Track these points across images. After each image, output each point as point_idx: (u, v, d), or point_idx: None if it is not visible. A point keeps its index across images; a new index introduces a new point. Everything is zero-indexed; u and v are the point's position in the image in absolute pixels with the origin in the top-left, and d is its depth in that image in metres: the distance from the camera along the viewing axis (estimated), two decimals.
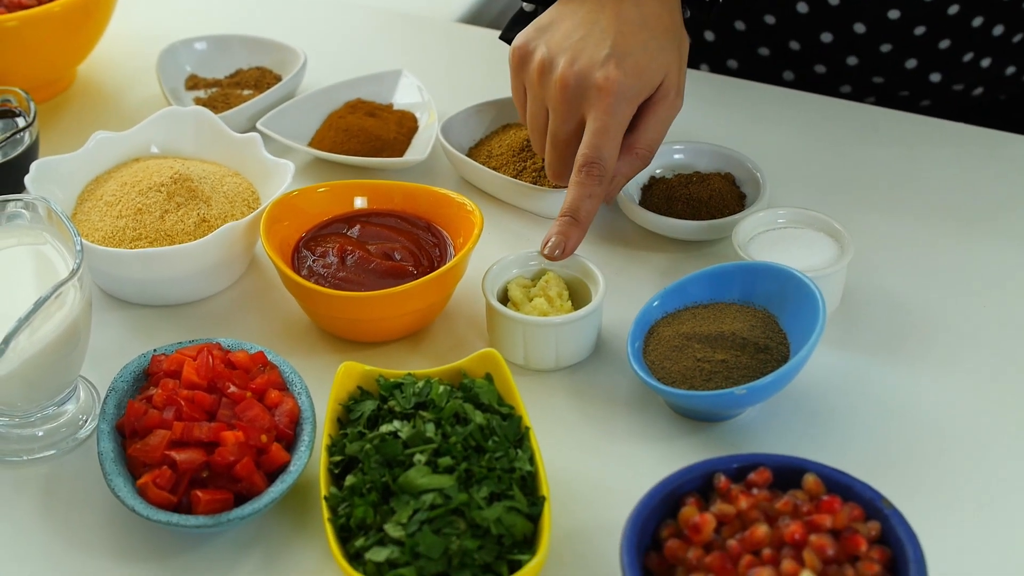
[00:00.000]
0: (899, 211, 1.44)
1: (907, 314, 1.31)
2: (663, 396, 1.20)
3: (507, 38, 1.48)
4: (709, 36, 1.75)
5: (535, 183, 1.42)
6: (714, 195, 1.41)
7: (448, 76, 1.65)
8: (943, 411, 1.22)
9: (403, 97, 1.56)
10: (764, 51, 1.72)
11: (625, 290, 1.32)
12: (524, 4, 1.47)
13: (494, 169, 1.44)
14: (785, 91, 1.63)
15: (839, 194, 1.46)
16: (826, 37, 1.65)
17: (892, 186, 1.48)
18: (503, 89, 1.59)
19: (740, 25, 1.72)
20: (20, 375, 1.12)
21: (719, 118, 1.58)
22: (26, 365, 1.11)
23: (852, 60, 1.66)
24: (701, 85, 1.64)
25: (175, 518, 1.07)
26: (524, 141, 1.46)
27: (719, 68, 1.78)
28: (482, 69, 1.68)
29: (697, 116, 1.57)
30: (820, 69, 1.70)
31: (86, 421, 1.22)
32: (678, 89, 1.35)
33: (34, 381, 1.14)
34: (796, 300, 1.22)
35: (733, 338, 1.20)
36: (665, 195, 1.42)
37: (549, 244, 1.30)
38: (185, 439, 1.10)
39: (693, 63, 1.80)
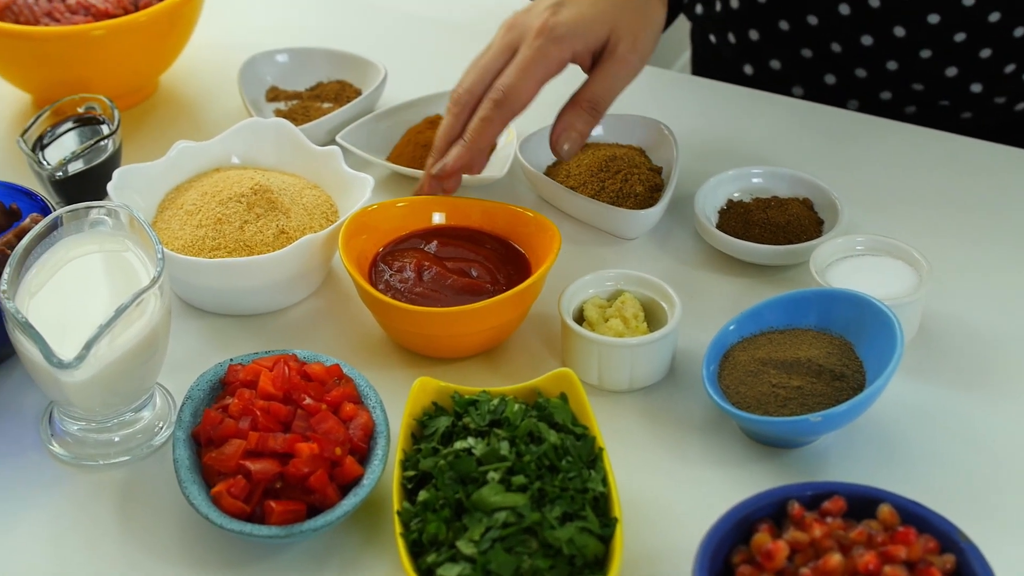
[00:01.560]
0: (979, 239, 1.43)
1: (985, 344, 1.30)
2: (737, 421, 1.19)
3: None
4: (754, 35, 1.77)
5: (614, 203, 1.42)
6: (792, 220, 1.40)
7: None
8: (1023, 444, 1.21)
9: None
10: (807, 52, 1.73)
11: (701, 313, 1.32)
12: None
13: (572, 188, 1.44)
14: (867, 117, 1.62)
15: (918, 221, 1.45)
16: (867, 40, 1.65)
17: (972, 214, 1.47)
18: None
19: (784, 25, 1.72)
20: (100, 381, 1.13)
21: (799, 143, 1.57)
22: (106, 371, 1.12)
23: (892, 65, 1.66)
24: (779, 110, 1.64)
25: (248, 528, 1.08)
26: (604, 160, 1.46)
27: (762, 68, 1.79)
28: (562, 89, 1.67)
29: (776, 141, 1.57)
30: (861, 73, 1.70)
31: (162, 428, 1.23)
32: (631, 46, 1.36)
33: (113, 387, 1.15)
34: (873, 328, 1.21)
35: (809, 365, 1.19)
36: (743, 219, 1.41)
37: (436, 165, 1.34)
38: (260, 449, 1.11)
39: (736, 63, 1.81)
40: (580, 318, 1.28)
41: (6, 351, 1.27)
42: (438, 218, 1.36)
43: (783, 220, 1.40)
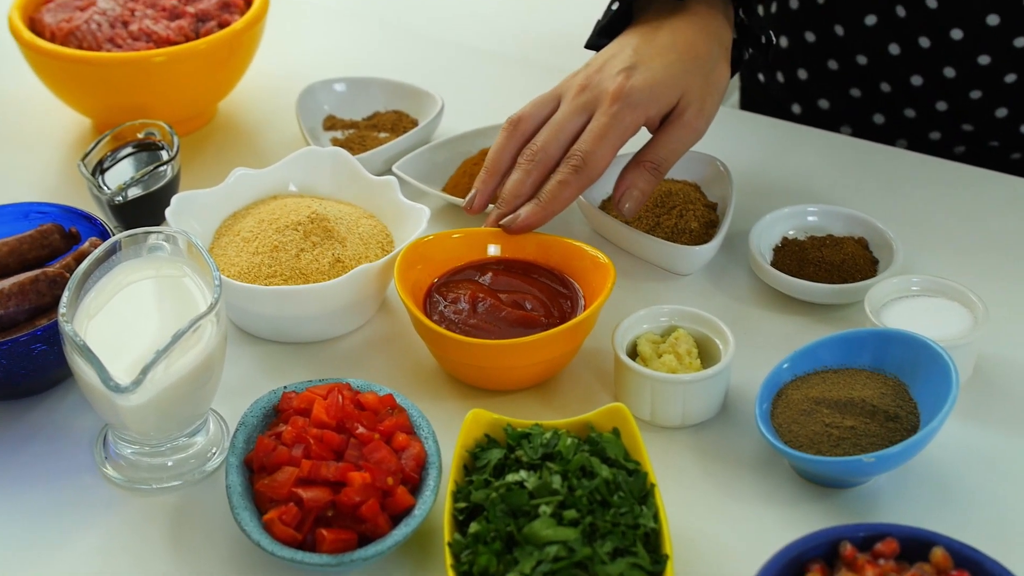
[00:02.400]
0: None
1: None
2: (790, 460, 1.19)
3: (591, 45, 1.51)
4: (803, 74, 1.77)
5: (669, 238, 1.42)
6: (847, 259, 1.40)
7: None
8: None
9: None
10: (856, 92, 1.74)
11: (754, 350, 1.32)
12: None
13: (627, 223, 1.44)
14: (923, 157, 1.61)
15: (973, 263, 1.45)
16: (916, 80, 1.66)
17: None
18: (641, 143, 1.59)
19: (833, 65, 1.73)
20: (155, 405, 1.14)
21: (854, 182, 1.57)
22: (161, 395, 1.13)
23: (942, 105, 1.66)
24: (835, 148, 1.63)
25: (299, 555, 1.08)
26: (659, 196, 1.46)
27: (811, 108, 1.80)
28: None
29: (832, 179, 1.57)
30: (910, 113, 1.70)
31: (214, 454, 1.23)
32: (698, 111, 1.39)
33: (168, 411, 1.16)
34: (928, 369, 1.20)
35: (863, 405, 1.19)
36: (797, 257, 1.41)
37: (509, 216, 1.35)
38: (312, 477, 1.11)
39: (785, 102, 1.82)
40: (633, 353, 1.28)
41: (63, 373, 1.28)
42: (493, 250, 1.36)
43: (838, 259, 1.40)
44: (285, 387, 1.21)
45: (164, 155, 1.47)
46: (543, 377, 1.29)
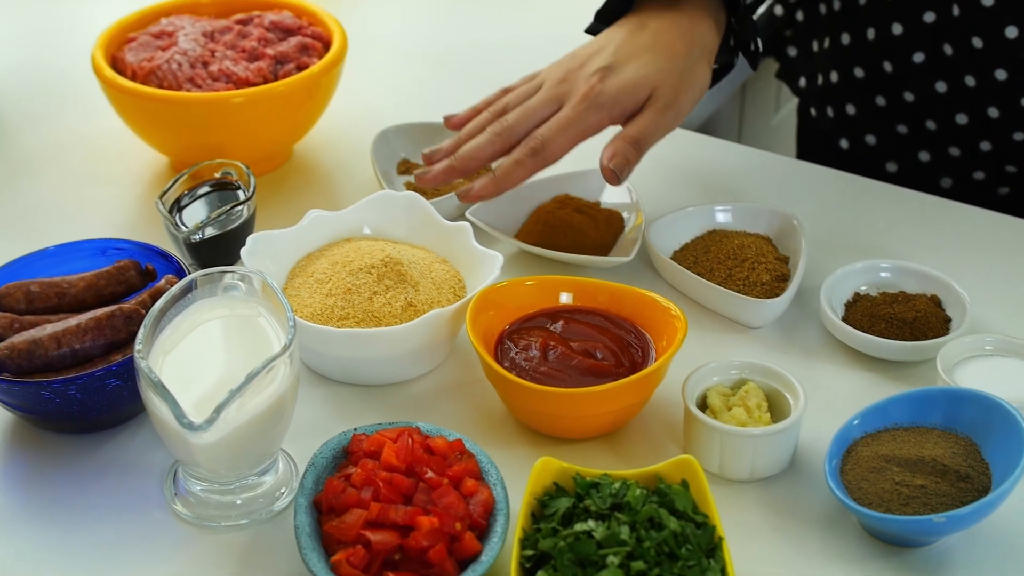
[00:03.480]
0: None
1: None
2: (859, 517, 1.18)
3: (590, 30, 1.58)
4: (851, 110, 1.80)
5: (740, 291, 1.42)
6: (919, 316, 1.39)
7: (657, 178, 1.65)
8: None
9: (611, 196, 1.57)
10: (902, 128, 1.75)
11: (824, 406, 1.31)
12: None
13: (699, 275, 1.44)
14: (997, 216, 1.61)
15: None
16: (961, 119, 1.67)
17: None
18: (713, 194, 1.60)
19: (880, 101, 1.75)
20: (227, 444, 1.14)
21: (928, 239, 1.56)
22: (233, 434, 1.14)
23: (986, 145, 1.67)
24: (909, 205, 1.63)
25: None
26: (732, 248, 1.46)
27: (858, 143, 1.82)
28: (692, 173, 1.69)
29: (905, 236, 1.56)
30: (954, 151, 1.71)
31: (283, 494, 1.24)
32: (666, 106, 1.46)
33: (239, 450, 1.17)
34: (1001, 430, 1.20)
35: (934, 464, 1.18)
36: (869, 313, 1.41)
37: (463, 188, 1.47)
38: (381, 520, 1.11)
39: (834, 137, 1.84)
40: (703, 405, 1.28)
41: (136, 408, 1.29)
42: (565, 298, 1.37)
43: (910, 316, 1.39)
44: (355, 429, 1.22)
45: (241, 195, 1.48)
46: (612, 427, 1.29)
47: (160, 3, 1.75)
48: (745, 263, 1.45)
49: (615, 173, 1.44)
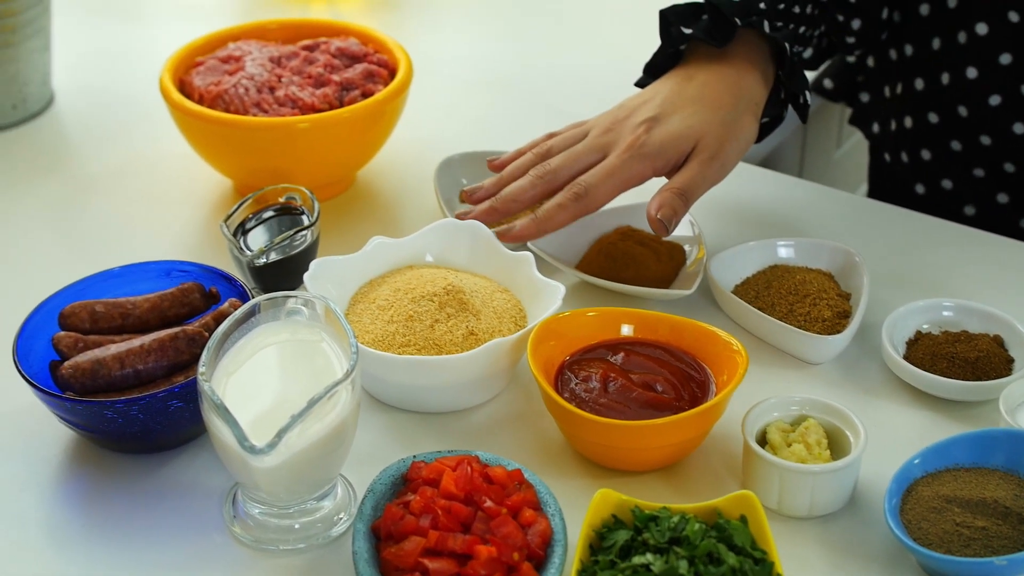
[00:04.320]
0: None
1: None
2: (918, 558, 1.18)
3: (639, 83, 1.60)
4: (926, 155, 1.79)
5: (801, 327, 1.42)
6: (981, 356, 1.38)
7: (719, 212, 1.65)
8: None
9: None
10: (979, 172, 1.75)
11: (884, 444, 1.30)
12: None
13: (760, 310, 1.44)
14: None
15: None
16: None
17: None
18: (774, 229, 1.60)
19: (956, 145, 1.75)
20: (288, 468, 1.15)
21: (991, 278, 1.55)
22: (294, 459, 1.14)
23: None
24: (972, 244, 1.62)
25: None
26: (793, 284, 1.46)
27: (935, 188, 1.82)
28: (754, 207, 1.68)
29: (968, 275, 1.55)
30: None
31: (341, 519, 1.24)
32: (711, 157, 1.46)
33: (299, 475, 1.18)
34: None
35: (995, 506, 1.17)
36: (930, 352, 1.40)
37: (504, 227, 1.47)
38: (439, 548, 1.12)
39: (908, 182, 1.84)
40: (763, 440, 1.27)
41: (197, 430, 1.30)
42: (626, 330, 1.37)
43: (972, 355, 1.38)
44: (414, 456, 1.22)
45: (305, 220, 1.49)
46: (671, 460, 1.29)
47: (228, 28, 1.77)
48: (807, 299, 1.45)
49: (663, 224, 1.43)
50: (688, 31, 1.52)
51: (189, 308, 1.37)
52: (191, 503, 1.26)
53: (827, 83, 1.95)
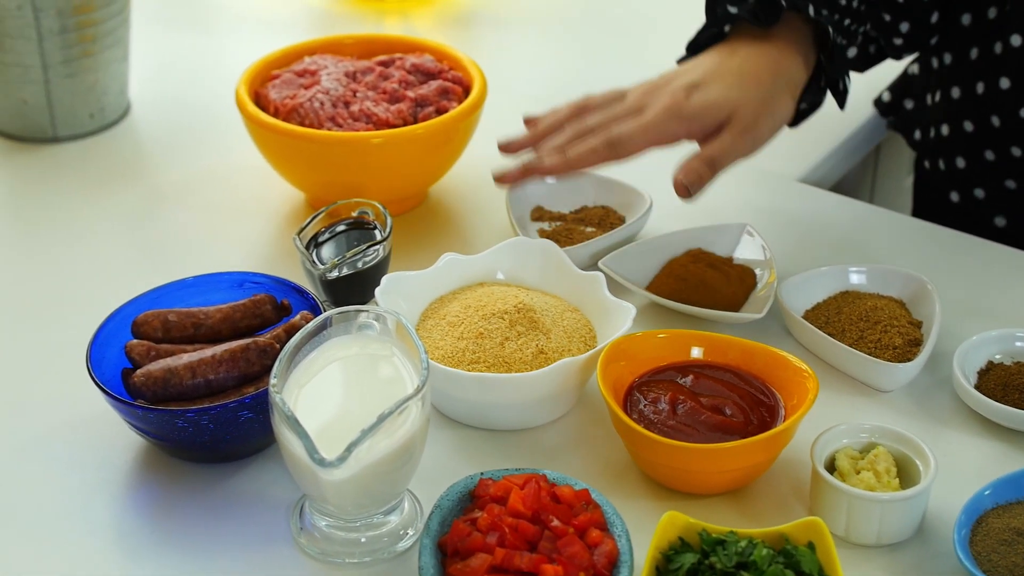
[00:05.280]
0: None
1: None
2: None
3: (681, 62, 1.63)
4: (960, 163, 1.80)
5: (871, 354, 1.41)
6: None
7: (791, 236, 1.65)
8: None
9: (744, 252, 1.56)
10: (1011, 183, 1.75)
11: (954, 474, 1.30)
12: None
13: (830, 335, 1.43)
14: None
15: None
16: None
17: None
18: (846, 254, 1.59)
19: (990, 155, 1.76)
20: (356, 482, 1.15)
21: None
22: (363, 473, 1.15)
23: None
24: None
25: None
26: (864, 310, 1.45)
27: (968, 197, 1.82)
28: (827, 233, 1.68)
29: None
30: None
31: (406, 534, 1.24)
32: (744, 129, 1.50)
33: (368, 489, 1.18)
34: None
35: None
36: (1002, 382, 1.39)
37: (525, 162, 1.51)
38: (505, 566, 1.12)
39: (943, 191, 1.85)
40: (831, 467, 1.27)
41: (266, 441, 1.30)
42: (696, 352, 1.36)
43: None
44: (482, 473, 1.22)
45: (377, 235, 1.49)
46: (738, 484, 1.29)
47: (304, 42, 1.78)
48: (877, 326, 1.44)
49: (687, 188, 1.47)
50: (734, 10, 1.55)
51: (261, 320, 1.38)
52: (258, 514, 1.27)
53: (885, 95, 1.95)
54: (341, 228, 1.52)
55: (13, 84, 1.82)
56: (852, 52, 1.68)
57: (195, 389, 1.30)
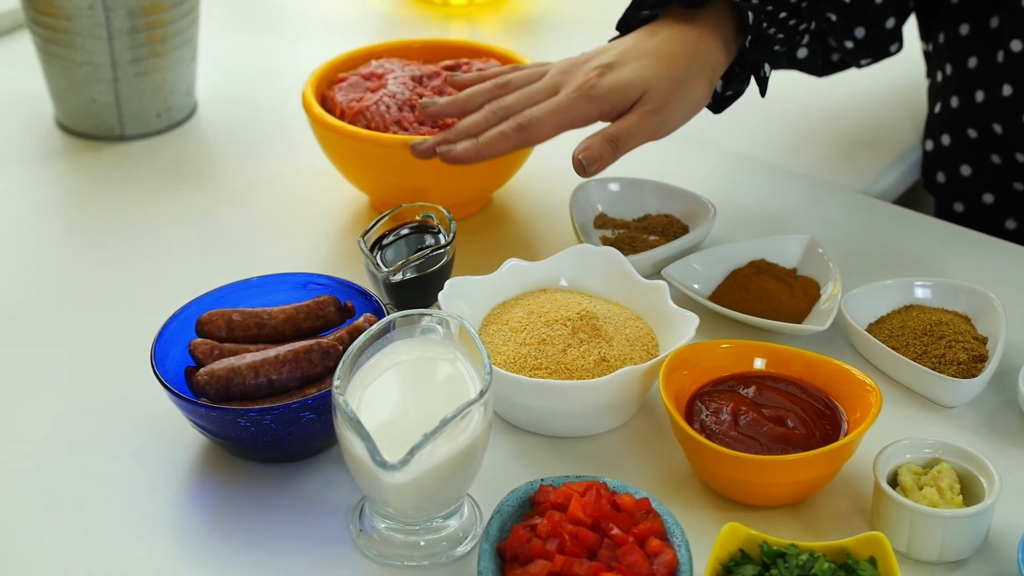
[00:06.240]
0: None
1: None
2: None
3: (614, 38, 1.63)
4: (966, 171, 1.83)
5: (935, 369, 1.40)
6: None
7: (855, 249, 1.64)
8: None
9: (808, 264, 1.56)
10: (1019, 186, 1.77)
11: (1019, 492, 1.29)
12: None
13: (894, 349, 1.43)
14: None
15: None
16: None
17: None
18: (913, 269, 1.58)
19: (996, 159, 1.78)
20: (417, 485, 1.15)
21: None
22: (424, 477, 1.15)
23: None
24: None
25: None
26: (928, 325, 1.44)
27: (975, 205, 1.85)
28: (889, 245, 1.67)
29: None
30: None
31: (465, 539, 1.24)
32: (654, 109, 1.50)
33: (428, 492, 1.18)
34: None
35: None
36: None
37: (445, 147, 1.51)
38: (565, 573, 1.12)
39: (945, 201, 1.87)
40: (894, 482, 1.26)
41: (327, 442, 1.31)
42: (759, 364, 1.36)
43: None
44: (542, 480, 1.22)
45: (441, 239, 1.50)
46: (799, 497, 1.28)
47: (371, 45, 1.79)
48: (942, 340, 1.43)
49: (583, 165, 1.49)
50: None
51: (324, 321, 1.38)
52: (318, 514, 1.27)
53: None
54: (405, 231, 1.52)
55: (83, 83, 1.83)
56: (803, 52, 1.73)
57: (258, 389, 1.30)
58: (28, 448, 1.35)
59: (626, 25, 1.62)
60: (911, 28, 1.82)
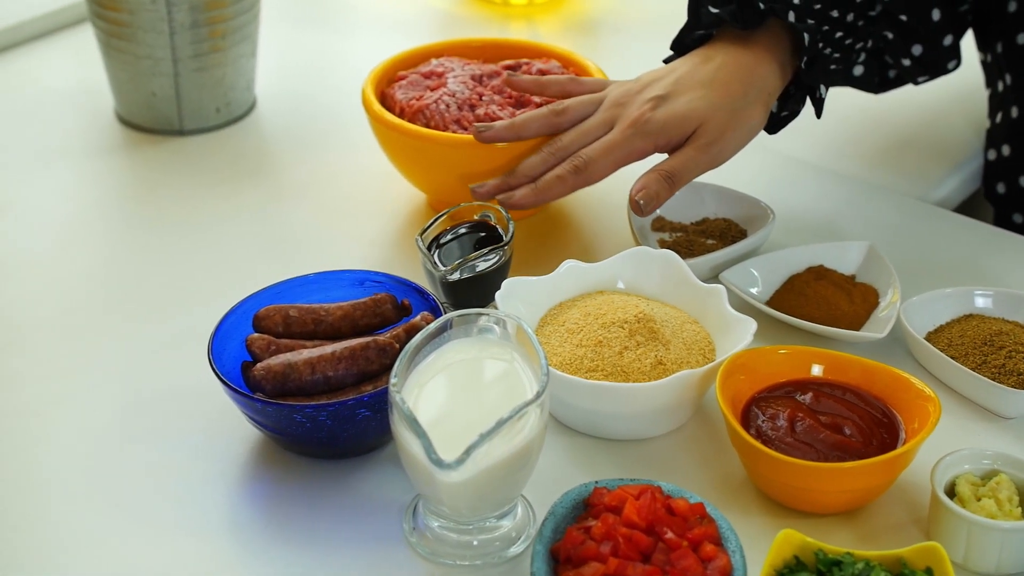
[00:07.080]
0: None
1: None
2: None
3: (666, 60, 1.64)
4: (1000, 189, 1.83)
5: (995, 379, 1.39)
6: None
7: (914, 256, 1.63)
8: None
9: (867, 271, 1.55)
10: None
11: None
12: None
13: (953, 358, 1.41)
14: None
15: None
16: None
17: None
18: (973, 278, 1.57)
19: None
20: (472, 485, 1.15)
21: None
22: (479, 476, 1.15)
23: None
24: None
25: None
26: (988, 334, 1.43)
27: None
28: (948, 253, 1.66)
29: None
30: None
31: (518, 539, 1.24)
32: (710, 142, 1.50)
33: (483, 492, 1.18)
34: None
35: None
36: None
37: (506, 193, 1.51)
38: None
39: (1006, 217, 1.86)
40: (951, 492, 1.25)
41: (382, 440, 1.31)
42: (816, 370, 1.35)
43: None
44: (597, 482, 1.22)
45: (499, 239, 1.49)
46: (855, 505, 1.27)
47: (431, 44, 1.79)
48: (1002, 351, 1.42)
49: (640, 205, 1.48)
50: (716, 11, 1.54)
51: (381, 319, 1.38)
52: (372, 511, 1.28)
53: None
54: (463, 231, 1.52)
55: (143, 76, 1.84)
56: (859, 70, 1.70)
57: (314, 385, 1.31)
58: (87, 439, 1.36)
59: (680, 45, 1.61)
60: (967, 36, 1.80)
